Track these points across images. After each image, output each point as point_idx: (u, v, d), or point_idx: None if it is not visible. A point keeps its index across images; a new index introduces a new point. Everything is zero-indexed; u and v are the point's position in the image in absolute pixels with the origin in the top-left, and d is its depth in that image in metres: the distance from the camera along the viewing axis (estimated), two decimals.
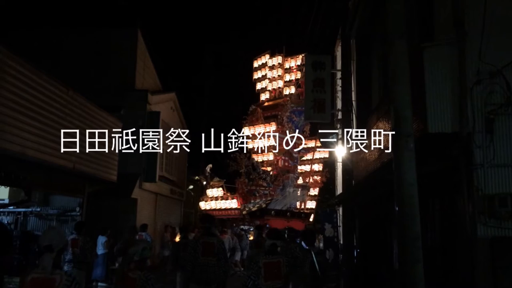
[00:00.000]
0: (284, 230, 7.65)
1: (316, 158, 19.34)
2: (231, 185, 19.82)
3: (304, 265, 6.29)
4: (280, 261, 5.04)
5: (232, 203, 18.25)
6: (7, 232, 2.90)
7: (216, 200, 18.91)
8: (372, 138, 7.60)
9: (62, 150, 8.89)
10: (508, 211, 4.51)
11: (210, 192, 19.38)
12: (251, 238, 17.86)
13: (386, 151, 6.46)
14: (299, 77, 19.51)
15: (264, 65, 20.47)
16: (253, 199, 17.98)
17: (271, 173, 18.47)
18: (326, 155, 18.59)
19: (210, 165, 20.64)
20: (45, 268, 3.67)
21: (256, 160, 18.83)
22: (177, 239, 11.48)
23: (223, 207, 18.59)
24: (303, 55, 18.93)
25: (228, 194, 18.86)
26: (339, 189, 13.73)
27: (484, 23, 4.77)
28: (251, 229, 18.79)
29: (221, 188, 19.18)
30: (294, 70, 19.91)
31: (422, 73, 4.97)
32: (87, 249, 8.21)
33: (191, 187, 23.54)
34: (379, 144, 6.99)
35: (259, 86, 20.58)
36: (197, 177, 23.73)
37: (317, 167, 19.60)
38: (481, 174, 4.67)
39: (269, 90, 20.18)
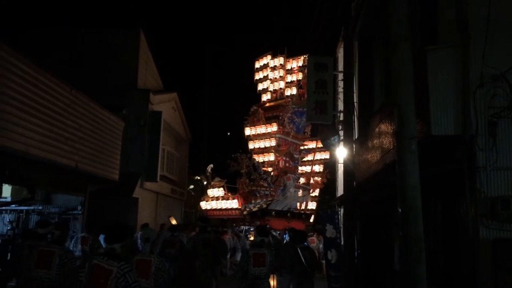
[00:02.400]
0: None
1: (317, 159, 19.35)
2: (232, 185, 19.84)
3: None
4: (265, 252, 6.31)
5: (233, 203, 18.24)
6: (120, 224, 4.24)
7: (217, 200, 18.90)
8: (375, 140, 7.65)
9: (65, 149, 8.98)
10: (510, 213, 4.54)
11: (211, 192, 19.36)
12: (252, 238, 17.90)
13: (388, 153, 6.50)
14: (300, 78, 19.51)
15: (265, 66, 20.45)
16: (254, 199, 17.97)
17: (272, 173, 18.47)
18: (327, 156, 18.60)
19: (211, 165, 20.65)
20: (146, 253, 5.23)
21: (257, 160, 18.83)
22: None
23: (223, 207, 18.57)
24: (304, 56, 18.93)
25: (229, 194, 18.85)
26: (340, 190, 13.76)
27: (487, 27, 4.80)
28: (252, 230, 18.80)
29: (222, 188, 19.16)
30: (296, 71, 19.90)
31: (425, 76, 5.00)
32: (96, 248, 8.70)
33: (191, 186, 23.58)
34: (382, 146, 7.03)
35: (260, 87, 20.56)
36: (197, 177, 23.77)
37: (318, 168, 19.62)
38: (483, 177, 4.69)
39: (270, 91, 20.17)
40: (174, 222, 15.20)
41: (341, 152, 10.66)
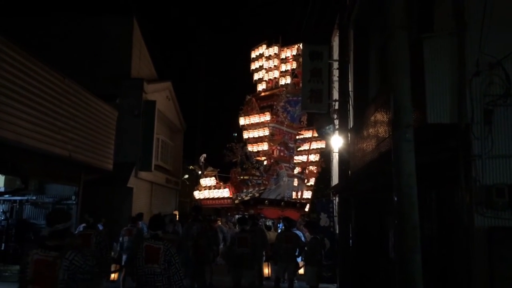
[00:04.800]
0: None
1: (313, 149, 19.35)
2: (226, 175, 19.87)
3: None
4: (247, 236, 7.95)
5: (224, 192, 18.30)
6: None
7: (209, 189, 18.96)
8: (370, 128, 7.63)
9: (58, 138, 8.89)
10: (505, 201, 4.53)
11: (203, 181, 19.43)
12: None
13: (384, 141, 6.49)
14: (295, 67, 19.45)
15: (261, 56, 20.39)
16: (245, 188, 18.00)
17: (264, 162, 18.46)
18: (323, 146, 18.61)
19: (204, 155, 20.66)
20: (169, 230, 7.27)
21: (249, 150, 18.83)
22: None
23: (215, 196, 18.65)
24: (298, 45, 18.88)
25: (221, 183, 18.89)
26: (335, 179, 13.77)
27: (484, 14, 4.76)
28: None
29: (213, 178, 19.21)
30: (290, 60, 19.83)
31: (421, 64, 4.95)
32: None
33: (186, 176, 23.56)
34: (377, 134, 7.02)
35: (256, 76, 20.52)
36: (192, 166, 23.77)
37: (314, 157, 19.62)
38: (479, 165, 4.67)
39: (265, 81, 20.12)
40: (175, 213, 15.26)
41: (336, 141, 10.64)
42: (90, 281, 3.55)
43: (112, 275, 7.30)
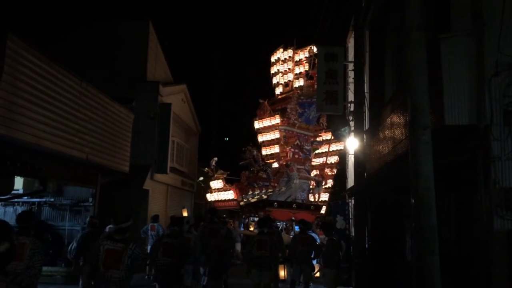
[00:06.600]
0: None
1: (332, 150, 19.19)
2: (235, 177, 19.94)
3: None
4: (267, 239, 7.83)
5: (229, 194, 18.35)
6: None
7: (218, 191, 19.07)
8: (386, 130, 7.57)
9: (76, 141, 9.00)
10: None
11: (213, 184, 19.56)
12: (251, 228, 17.97)
13: (400, 143, 6.43)
14: (307, 69, 19.38)
15: (278, 60, 20.41)
16: (251, 190, 17.96)
17: (276, 165, 18.36)
18: (342, 147, 18.46)
19: (216, 158, 20.76)
20: (185, 231, 7.79)
21: (255, 152, 18.80)
22: None
23: (222, 199, 18.75)
24: (311, 46, 18.85)
25: (228, 186, 18.95)
26: (350, 181, 13.69)
27: (503, 13, 4.69)
28: (252, 221, 18.89)
29: (221, 180, 19.30)
30: (303, 62, 19.78)
31: (439, 64, 4.90)
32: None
33: (201, 178, 23.65)
34: (393, 136, 6.96)
35: (274, 80, 20.54)
36: (206, 169, 23.89)
37: (333, 159, 19.44)
38: (498, 167, 4.59)
39: (282, 84, 20.12)
40: (185, 214, 15.27)
41: (352, 143, 10.58)
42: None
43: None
